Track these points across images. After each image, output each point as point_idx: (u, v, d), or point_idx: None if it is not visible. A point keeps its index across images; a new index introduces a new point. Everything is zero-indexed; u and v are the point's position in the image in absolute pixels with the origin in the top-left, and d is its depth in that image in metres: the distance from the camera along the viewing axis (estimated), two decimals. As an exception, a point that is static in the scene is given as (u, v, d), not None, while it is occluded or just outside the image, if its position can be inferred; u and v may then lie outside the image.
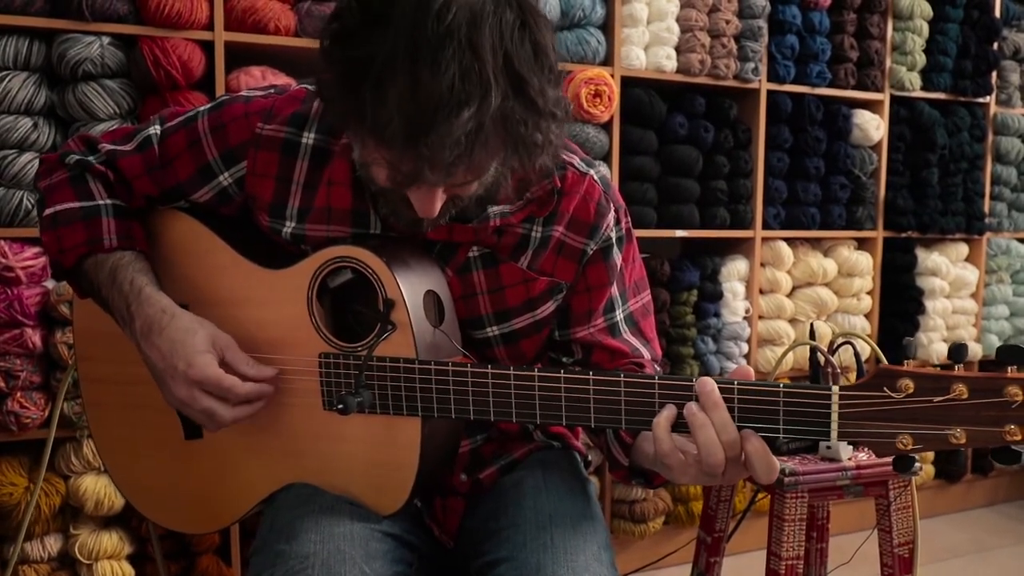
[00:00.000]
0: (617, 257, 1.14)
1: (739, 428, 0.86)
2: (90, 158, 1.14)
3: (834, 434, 0.84)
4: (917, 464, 0.88)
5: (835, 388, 0.83)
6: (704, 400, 0.87)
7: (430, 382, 0.98)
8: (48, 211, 1.12)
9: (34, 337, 1.87)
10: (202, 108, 1.13)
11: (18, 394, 1.88)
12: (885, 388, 0.82)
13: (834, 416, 0.84)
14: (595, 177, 1.13)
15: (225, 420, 1.01)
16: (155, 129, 1.14)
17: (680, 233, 2.55)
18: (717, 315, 2.66)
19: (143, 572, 2.05)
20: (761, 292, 2.76)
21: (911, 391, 0.82)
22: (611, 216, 1.12)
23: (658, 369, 1.15)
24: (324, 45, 0.89)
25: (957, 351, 0.84)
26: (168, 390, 1.02)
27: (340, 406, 0.97)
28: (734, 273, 2.68)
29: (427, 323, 1.02)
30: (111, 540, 1.97)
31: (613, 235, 1.13)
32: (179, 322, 1.02)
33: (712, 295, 2.64)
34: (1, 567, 1.89)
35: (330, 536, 0.97)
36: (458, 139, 0.81)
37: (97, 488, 1.93)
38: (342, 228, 1.09)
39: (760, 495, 2.19)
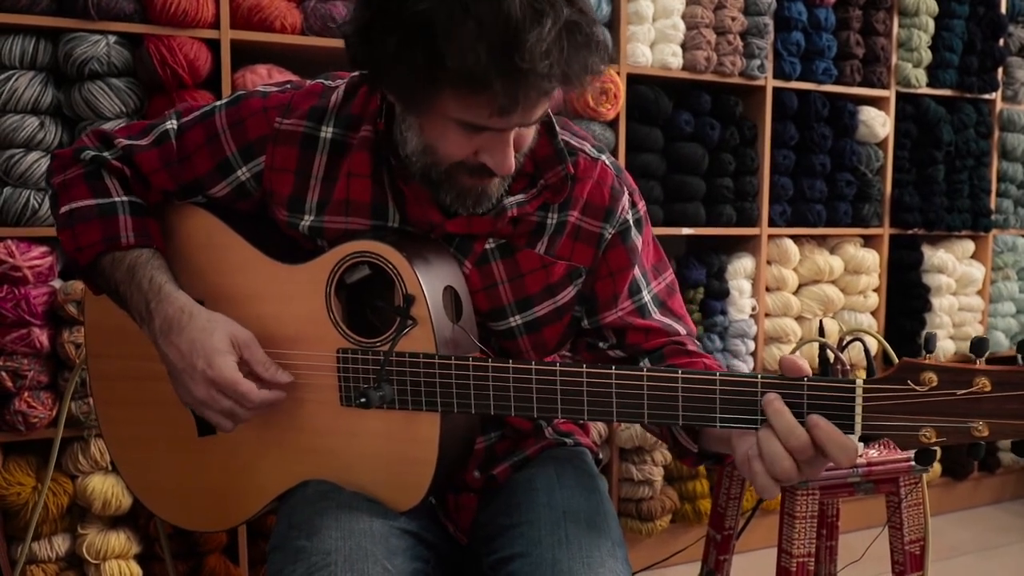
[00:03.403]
0: (636, 239, 1.14)
1: (803, 421, 0.84)
2: (106, 154, 1.14)
3: (858, 427, 0.83)
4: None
5: (859, 381, 0.83)
6: (767, 409, 0.85)
7: (450, 377, 0.98)
8: (64, 208, 1.11)
9: (41, 337, 1.87)
10: (219, 103, 1.13)
11: (25, 394, 1.87)
12: (909, 381, 0.82)
13: (858, 410, 0.83)
14: (607, 162, 1.14)
15: (241, 420, 1.01)
16: (172, 124, 1.14)
17: (686, 231, 2.55)
18: (723, 313, 2.66)
19: (151, 572, 2.04)
20: (767, 290, 2.76)
21: (935, 384, 0.81)
22: (626, 199, 1.13)
23: (698, 344, 1.16)
24: (367, 22, 0.90)
25: (978, 345, 0.84)
26: (186, 389, 1.01)
27: (362, 399, 0.97)
28: (740, 271, 2.68)
29: (446, 319, 1.02)
30: (119, 540, 1.97)
31: (630, 217, 1.14)
32: (198, 321, 1.01)
33: (718, 293, 2.63)
34: (9, 567, 1.89)
35: (351, 533, 0.96)
36: (550, 45, 0.84)
37: (105, 488, 1.93)
38: (361, 221, 1.09)
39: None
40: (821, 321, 2.73)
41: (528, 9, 0.83)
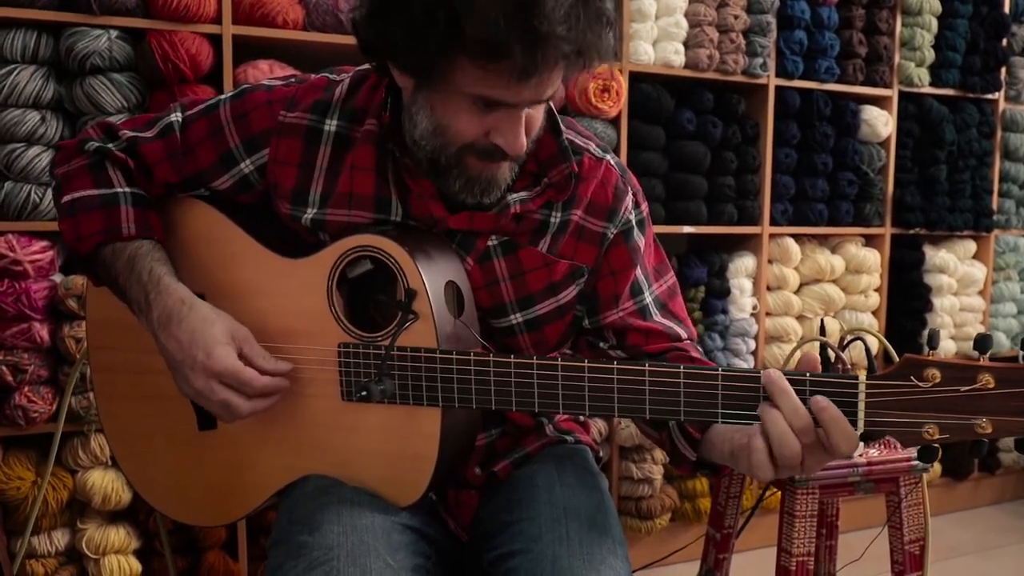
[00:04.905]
0: (639, 239, 1.14)
1: (807, 404, 0.84)
2: (109, 145, 1.14)
3: (860, 423, 0.83)
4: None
5: (861, 377, 0.83)
6: (771, 389, 0.85)
7: (451, 372, 0.98)
8: (66, 198, 1.11)
9: (42, 331, 1.87)
10: (224, 96, 1.13)
11: (26, 388, 1.87)
12: (912, 378, 0.82)
13: (861, 406, 0.83)
14: (611, 162, 1.14)
15: (242, 412, 1.01)
16: (176, 116, 1.14)
17: (687, 229, 2.54)
18: (724, 312, 2.65)
19: (150, 567, 2.04)
20: (768, 289, 2.75)
21: (938, 381, 0.81)
22: (629, 199, 1.13)
23: (700, 350, 1.15)
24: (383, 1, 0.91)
25: (982, 342, 0.84)
26: (185, 381, 1.01)
27: (363, 393, 0.97)
28: (741, 270, 2.67)
29: (448, 314, 1.02)
30: (118, 535, 1.97)
31: (633, 218, 1.14)
32: (198, 312, 1.02)
33: (719, 292, 2.63)
34: (9, 561, 1.89)
35: (352, 528, 0.96)
36: (568, 10, 0.86)
37: (104, 483, 1.93)
38: (364, 214, 1.09)
39: (769, 492, 2.18)
40: (822, 320, 2.73)
41: None
